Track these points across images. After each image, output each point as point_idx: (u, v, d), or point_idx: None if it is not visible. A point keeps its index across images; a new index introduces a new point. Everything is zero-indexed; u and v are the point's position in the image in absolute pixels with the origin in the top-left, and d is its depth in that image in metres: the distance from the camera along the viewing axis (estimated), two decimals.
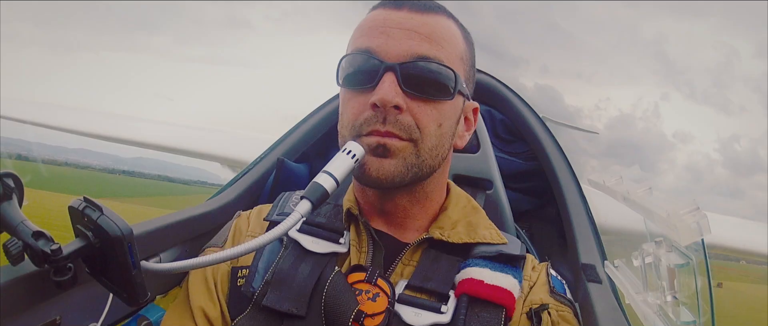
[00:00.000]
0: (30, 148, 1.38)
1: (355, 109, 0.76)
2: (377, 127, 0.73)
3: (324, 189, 0.73)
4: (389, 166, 0.74)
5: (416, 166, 0.76)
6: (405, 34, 0.74)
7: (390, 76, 0.73)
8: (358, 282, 0.77)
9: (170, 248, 0.91)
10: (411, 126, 0.74)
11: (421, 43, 0.74)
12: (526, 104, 1.40)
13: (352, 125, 0.76)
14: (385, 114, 0.73)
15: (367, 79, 0.74)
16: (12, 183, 0.63)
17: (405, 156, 0.75)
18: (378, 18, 0.77)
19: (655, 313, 0.72)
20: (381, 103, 0.72)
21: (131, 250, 0.60)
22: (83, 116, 5.69)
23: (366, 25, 0.78)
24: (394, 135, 0.73)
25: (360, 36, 0.77)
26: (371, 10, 0.81)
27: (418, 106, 0.74)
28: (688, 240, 0.62)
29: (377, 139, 0.73)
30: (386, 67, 0.73)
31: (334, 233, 0.82)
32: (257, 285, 0.78)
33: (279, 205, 0.90)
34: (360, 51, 0.75)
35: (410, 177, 0.76)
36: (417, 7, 0.76)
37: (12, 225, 0.60)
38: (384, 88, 0.72)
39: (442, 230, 0.83)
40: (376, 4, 0.81)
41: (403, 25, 0.74)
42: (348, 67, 0.77)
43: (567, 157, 1.30)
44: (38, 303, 0.67)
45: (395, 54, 0.73)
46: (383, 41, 0.74)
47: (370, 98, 0.73)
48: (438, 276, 0.78)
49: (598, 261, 1.04)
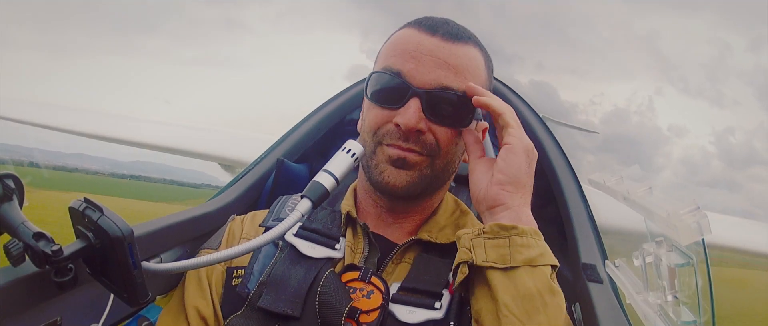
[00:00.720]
0: (30, 153, 1.38)
1: (378, 119, 0.81)
2: (399, 143, 0.79)
3: (324, 188, 0.73)
4: (407, 177, 0.80)
5: (429, 178, 0.82)
6: (434, 63, 0.78)
7: (415, 102, 0.77)
8: (352, 280, 0.79)
9: (171, 249, 0.91)
10: (431, 144, 0.80)
11: (448, 73, 0.78)
12: (526, 103, 1.40)
13: (374, 132, 0.81)
14: (408, 135, 0.78)
15: (394, 100, 0.79)
16: (12, 185, 0.63)
17: (421, 169, 0.80)
18: (412, 41, 0.80)
19: (656, 313, 0.73)
20: (405, 127, 0.77)
21: (132, 251, 0.60)
22: (78, 116, 5.66)
23: (399, 45, 0.81)
24: (414, 151, 0.79)
25: (392, 55, 0.81)
26: (405, 27, 0.84)
27: (438, 129, 0.79)
28: (688, 239, 0.62)
29: (398, 152, 0.79)
30: (413, 92, 0.78)
31: (331, 239, 0.84)
32: (252, 287, 0.80)
33: (275, 210, 0.92)
34: (391, 72, 0.80)
35: (422, 189, 0.82)
36: (449, 36, 0.80)
37: (13, 227, 0.60)
38: (409, 114, 0.77)
39: (430, 233, 0.85)
40: (412, 21, 0.84)
41: (433, 53, 0.79)
42: (377, 83, 0.82)
43: (567, 157, 1.30)
44: (39, 303, 0.67)
45: (423, 81, 0.78)
46: (413, 66, 0.78)
47: (395, 118, 0.78)
48: (431, 276, 0.80)
49: (598, 260, 1.04)
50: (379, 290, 0.77)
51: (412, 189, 0.81)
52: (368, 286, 0.78)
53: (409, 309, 0.76)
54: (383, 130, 0.80)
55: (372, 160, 0.81)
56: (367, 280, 0.78)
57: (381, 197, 0.86)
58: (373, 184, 0.84)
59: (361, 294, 0.77)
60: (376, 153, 0.81)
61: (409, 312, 0.76)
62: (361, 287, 0.78)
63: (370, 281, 0.78)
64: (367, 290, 0.78)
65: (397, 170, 0.79)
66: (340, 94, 1.38)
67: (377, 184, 0.82)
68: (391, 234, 0.87)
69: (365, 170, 0.84)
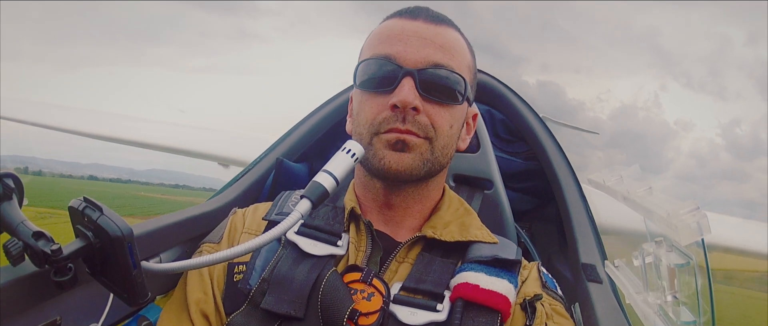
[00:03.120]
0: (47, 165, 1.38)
1: (373, 110, 0.81)
2: (397, 125, 0.78)
3: (324, 188, 0.73)
4: (408, 160, 0.79)
5: (430, 162, 0.81)
6: (422, 43, 0.80)
7: (408, 81, 0.78)
8: (354, 281, 0.79)
9: (170, 248, 0.91)
10: (427, 125, 0.79)
11: (436, 51, 0.80)
12: (526, 104, 1.40)
13: (371, 124, 0.80)
14: (405, 114, 0.78)
15: (386, 82, 0.80)
16: (12, 184, 0.63)
17: (421, 151, 0.80)
18: (396, 27, 0.82)
19: (656, 313, 0.72)
20: (401, 104, 0.77)
21: (131, 250, 0.60)
22: (83, 116, 5.67)
23: (384, 33, 0.83)
24: (412, 132, 0.79)
25: (378, 43, 0.82)
26: (386, 19, 0.86)
27: (432, 108, 0.80)
28: (688, 239, 0.62)
29: (396, 135, 0.79)
30: (405, 72, 0.78)
31: (333, 236, 0.83)
32: (254, 283, 0.79)
33: (278, 204, 0.91)
34: (379, 57, 0.81)
35: (424, 172, 0.82)
36: (430, 19, 0.83)
37: (12, 226, 0.60)
38: (404, 91, 0.77)
39: (435, 229, 0.85)
40: (391, 13, 0.87)
41: (419, 34, 0.80)
42: (367, 71, 0.82)
43: (567, 157, 1.30)
44: (38, 303, 0.67)
45: (413, 60, 0.79)
46: (402, 48, 0.80)
47: (390, 100, 0.78)
48: (432, 277, 0.80)
49: (598, 260, 1.04)
50: (379, 293, 0.77)
51: (415, 172, 0.80)
52: (369, 288, 0.78)
53: (411, 311, 0.76)
54: (379, 118, 0.79)
55: (369, 151, 0.81)
56: (369, 282, 0.78)
57: (379, 189, 0.86)
58: (373, 173, 0.83)
59: (361, 295, 0.77)
60: (373, 143, 0.80)
61: (410, 314, 0.76)
62: (362, 288, 0.78)
63: (372, 283, 0.78)
64: (368, 292, 0.77)
65: (397, 153, 0.79)
66: (339, 93, 1.38)
67: (378, 171, 0.81)
68: (393, 231, 0.87)
69: (364, 162, 0.83)
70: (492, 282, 0.78)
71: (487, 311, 0.76)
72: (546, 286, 0.84)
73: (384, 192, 0.86)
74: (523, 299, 0.80)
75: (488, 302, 0.76)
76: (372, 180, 0.86)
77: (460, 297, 0.76)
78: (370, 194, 0.88)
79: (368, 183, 0.87)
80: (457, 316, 0.75)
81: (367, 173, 0.86)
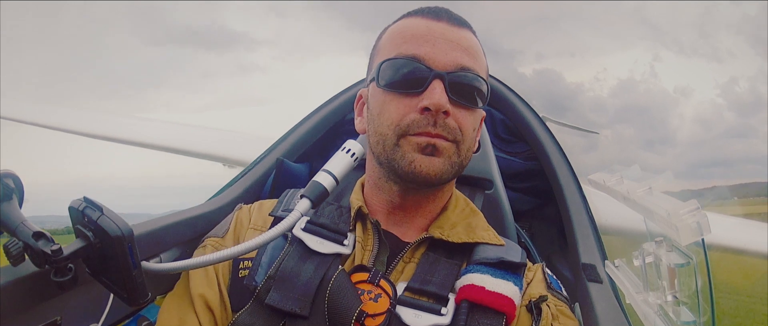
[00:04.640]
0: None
1: (399, 110, 0.78)
2: (428, 129, 0.76)
3: (323, 188, 0.73)
4: (438, 164, 0.78)
5: (457, 165, 0.81)
6: (449, 45, 0.79)
7: (439, 84, 0.76)
8: (361, 282, 0.78)
9: (170, 248, 0.91)
10: (455, 129, 0.78)
11: (462, 54, 0.79)
12: (526, 104, 1.40)
13: (397, 125, 0.78)
14: (436, 118, 0.76)
15: (416, 84, 0.77)
16: (12, 184, 0.63)
17: (449, 155, 0.79)
18: (420, 26, 0.80)
19: (656, 313, 0.72)
20: (434, 108, 0.75)
21: (131, 250, 0.60)
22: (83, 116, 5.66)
23: (408, 31, 0.81)
24: (442, 136, 0.77)
25: (403, 42, 0.80)
26: (406, 16, 0.84)
27: (459, 111, 0.79)
28: (688, 239, 0.62)
29: (427, 140, 0.77)
30: (435, 74, 0.77)
31: (339, 235, 0.83)
32: (260, 280, 0.79)
33: (284, 202, 0.91)
34: (407, 57, 0.78)
35: (452, 175, 0.81)
36: (453, 21, 0.82)
37: (12, 226, 0.60)
38: (436, 94, 0.75)
39: (442, 230, 0.84)
40: (412, 11, 0.85)
41: (446, 37, 0.79)
42: (393, 71, 0.79)
43: (567, 157, 1.30)
44: (39, 303, 0.67)
45: (442, 63, 0.78)
46: (430, 49, 0.78)
47: (420, 102, 0.76)
48: (437, 278, 0.79)
49: (598, 260, 1.04)
50: (386, 294, 0.77)
51: (445, 176, 0.79)
52: (376, 289, 0.77)
53: (415, 313, 0.75)
54: (407, 119, 0.77)
55: (396, 153, 0.78)
56: (376, 283, 0.78)
57: (395, 190, 0.84)
58: (400, 176, 0.80)
59: (368, 297, 0.76)
60: (401, 145, 0.77)
61: (415, 316, 0.75)
62: (369, 289, 0.77)
63: (379, 284, 0.77)
64: (375, 293, 0.77)
65: (428, 158, 0.77)
66: (339, 93, 1.38)
67: (407, 175, 0.78)
68: (400, 231, 0.86)
69: (386, 164, 0.80)
70: (497, 284, 0.77)
71: (492, 313, 0.75)
72: (551, 287, 0.84)
73: (400, 194, 0.84)
74: (529, 300, 0.80)
75: (494, 304, 0.75)
76: (388, 182, 0.84)
77: (466, 298, 0.76)
78: (383, 195, 0.86)
79: (383, 184, 0.85)
80: (462, 318, 0.74)
81: (387, 174, 0.83)
